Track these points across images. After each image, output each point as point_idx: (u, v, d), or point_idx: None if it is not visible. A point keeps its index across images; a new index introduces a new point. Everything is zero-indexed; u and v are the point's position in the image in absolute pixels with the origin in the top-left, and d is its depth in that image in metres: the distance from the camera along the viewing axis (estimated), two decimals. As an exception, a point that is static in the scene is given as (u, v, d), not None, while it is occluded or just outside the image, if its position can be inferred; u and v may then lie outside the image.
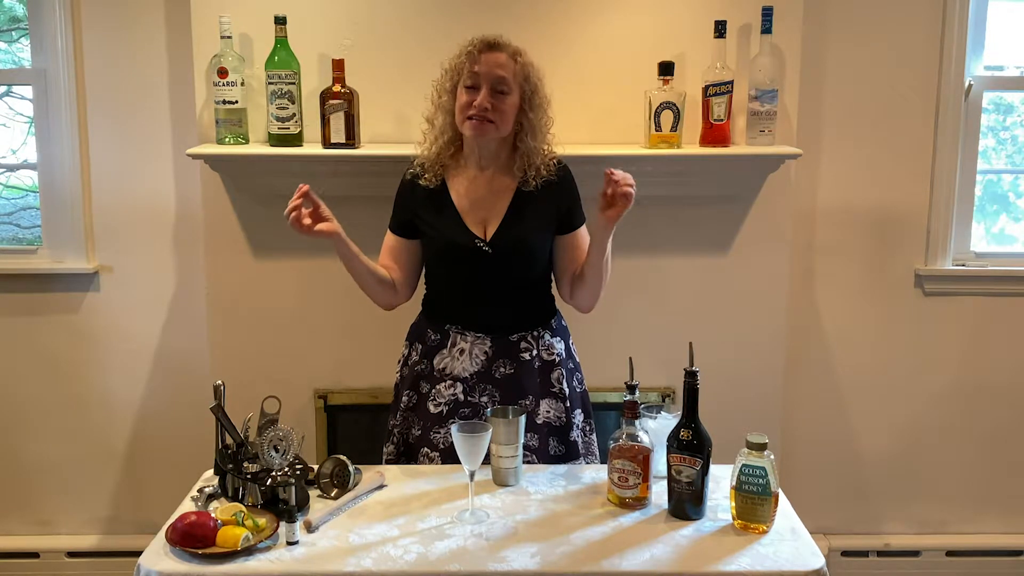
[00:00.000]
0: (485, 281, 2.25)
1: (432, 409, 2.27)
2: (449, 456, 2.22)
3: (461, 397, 2.26)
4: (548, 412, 2.28)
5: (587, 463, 2.34)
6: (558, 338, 2.33)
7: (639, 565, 1.72)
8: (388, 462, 2.36)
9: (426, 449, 2.28)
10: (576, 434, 2.32)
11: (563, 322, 2.40)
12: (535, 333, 2.30)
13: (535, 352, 2.29)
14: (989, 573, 3.31)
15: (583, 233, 2.30)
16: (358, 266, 2.25)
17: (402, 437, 2.35)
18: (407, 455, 2.33)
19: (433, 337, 2.31)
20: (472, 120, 2.16)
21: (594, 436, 2.40)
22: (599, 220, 2.12)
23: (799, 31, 2.77)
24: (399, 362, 2.40)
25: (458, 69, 2.19)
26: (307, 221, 2.12)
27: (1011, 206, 3.32)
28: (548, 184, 2.25)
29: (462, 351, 2.27)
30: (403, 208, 2.31)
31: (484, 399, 2.26)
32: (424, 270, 2.36)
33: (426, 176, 2.27)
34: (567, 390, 2.30)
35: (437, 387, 2.28)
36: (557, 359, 2.30)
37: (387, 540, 1.80)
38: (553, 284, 2.37)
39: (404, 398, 2.34)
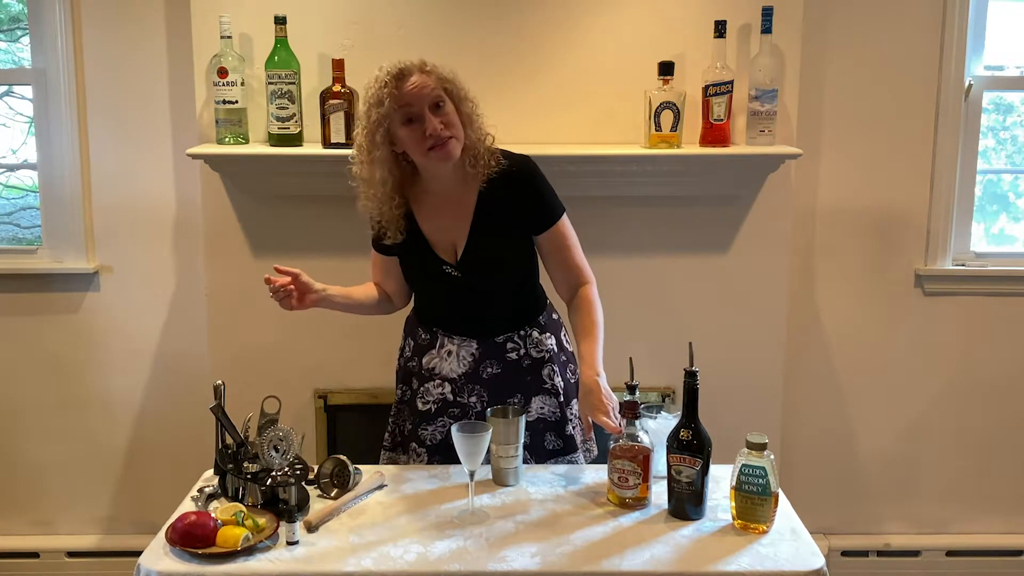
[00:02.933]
0: (462, 297, 2.24)
1: (420, 406, 2.28)
2: (436, 453, 2.25)
3: (450, 397, 2.26)
4: (541, 408, 2.28)
5: (586, 450, 2.34)
6: (548, 334, 2.31)
7: (639, 565, 1.72)
8: (384, 449, 2.38)
9: (414, 445, 2.29)
10: (572, 428, 2.32)
11: (554, 315, 2.38)
12: (522, 332, 2.29)
13: (523, 351, 2.28)
14: (989, 573, 3.31)
15: (562, 230, 2.22)
16: (351, 308, 2.30)
17: (397, 427, 2.37)
18: (402, 445, 2.35)
19: (423, 336, 2.31)
20: (435, 149, 2.07)
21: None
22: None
23: (799, 31, 2.77)
24: (399, 350, 2.41)
25: (385, 115, 2.05)
26: (294, 303, 2.14)
27: (1011, 206, 3.32)
28: (508, 183, 2.17)
29: (450, 352, 2.27)
30: (376, 235, 2.26)
31: (473, 399, 2.26)
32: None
33: (391, 233, 2.18)
34: (560, 384, 2.30)
35: (426, 385, 2.28)
36: (547, 355, 2.29)
37: (387, 540, 1.80)
38: (540, 280, 2.36)
39: (398, 392, 2.37)
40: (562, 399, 2.30)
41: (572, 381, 2.36)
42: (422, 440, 2.28)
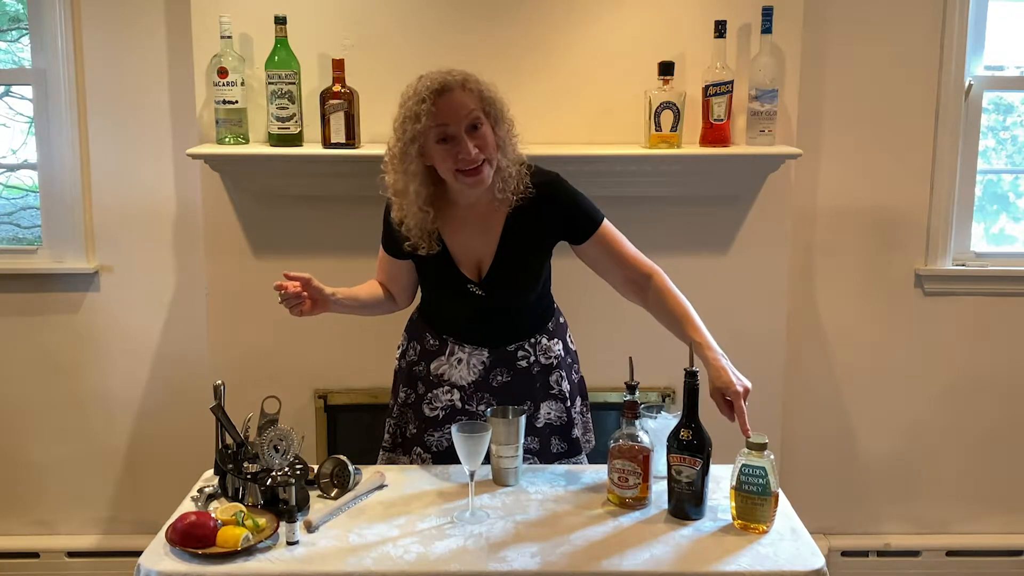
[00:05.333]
0: (480, 311, 2.22)
1: (428, 412, 2.26)
2: (441, 459, 2.22)
3: (459, 404, 2.25)
4: (549, 414, 2.28)
5: (585, 441, 2.34)
6: (555, 339, 2.31)
7: (639, 565, 1.72)
8: (383, 450, 2.36)
9: (419, 449, 2.27)
10: (578, 432, 2.32)
11: (561, 319, 2.37)
12: (532, 340, 2.27)
13: (532, 358, 2.26)
14: (989, 573, 3.31)
15: (606, 234, 2.18)
16: (356, 310, 2.26)
17: (398, 429, 2.35)
18: (403, 447, 2.33)
19: (432, 342, 2.29)
20: (466, 174, 2.02)
21: (589, 416, 2.40)
22: (708, 371, 1.99)
23: (799, 31, 2.77)
24: (399, 348, 2.38)
25: (422, 131, 2.00)
26: (307, 307, 2.10)
27: (1011, 206, 3.32)
28: (540, 205, 2.13)
29: (460, 360, 2.25)
30: (393, 237, 2.20)
31: (482, 407, 2.24)
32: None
33: (423, 247, 2.13)
34: (567, 388, 2.30)
35: (434, 391, 2.26)
36: (555, 361, 2.28)
37: (387, 540, 1.80)
38: (552, 289, 2.35)
39: (402, 394, 2.34)
40: (568, 403, 2.29)
41: (575, 380, 2.36)
42: (428, 446, 2.26)
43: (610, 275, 2.22)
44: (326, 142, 2.66)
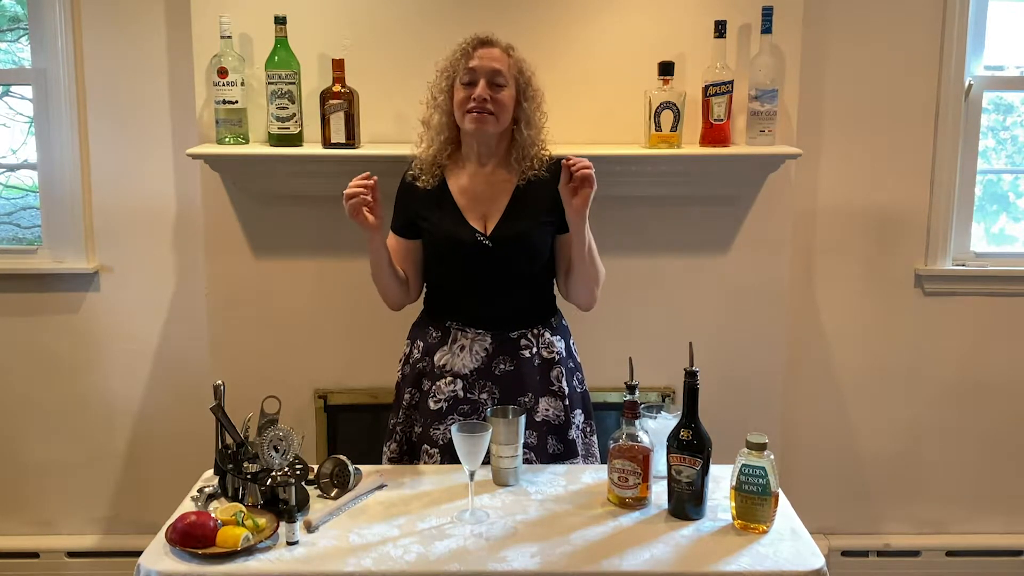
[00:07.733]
0: (485, 276, 2.26)
1: (432, 406, 2.28)
2: (449, 452, 2.23)
3: (461, 394, 2.27)
4: (547, 410, 2.29)
5: (588, 464, 2.34)
6: (558, 336, 2.34)
7: (639, 565, 1.73)
8: (391, 461, 2.36)
9: (426, 446, 2.28)
10: (575, 433, 2.32)
11: (564, 321, 2.41)
12: (535, 331, 2.30)
13: (535, 350, 2.29)
14: (989, 573, 3.31)
15: None
16: (386, 264, 2.28)
17: (405, 435, 2.35)
18: (410, 453, 2.34)
19: (434, 334, 2.31)
20: (472, 113, 2.19)
21: (595, 438, 2.40)
22: (569, 211, 2.16)
23: (799, 31, 2.77)
24: (400, 360, 2.41)
25: (453, 68, 2.24)
26: (369, 216, 2.15)
27: (1011, 206, 3.32)
28: (549, 181, 2.25)
29: (462, 347, 2.28)
30: (404, 208, 2.33)
31: (484, 396, 2.26)
32: (426, 268, 2.37)
33: (423, 178, 2.29)
34: (566, 389, 2.31)
35: (437, 383, 2.28)
36: (557, 357, 2.31)
37: (387, 540, 1.80)
38: (555, 283, 2.38)
39: (406, 396, 2.35)
40: (567, 403, 2.30)
41: (578, 390, 2.37)
42: (434, 441, 2.27)
43: (569, 263, 2.30)
44: (326, 142, 2.66)
